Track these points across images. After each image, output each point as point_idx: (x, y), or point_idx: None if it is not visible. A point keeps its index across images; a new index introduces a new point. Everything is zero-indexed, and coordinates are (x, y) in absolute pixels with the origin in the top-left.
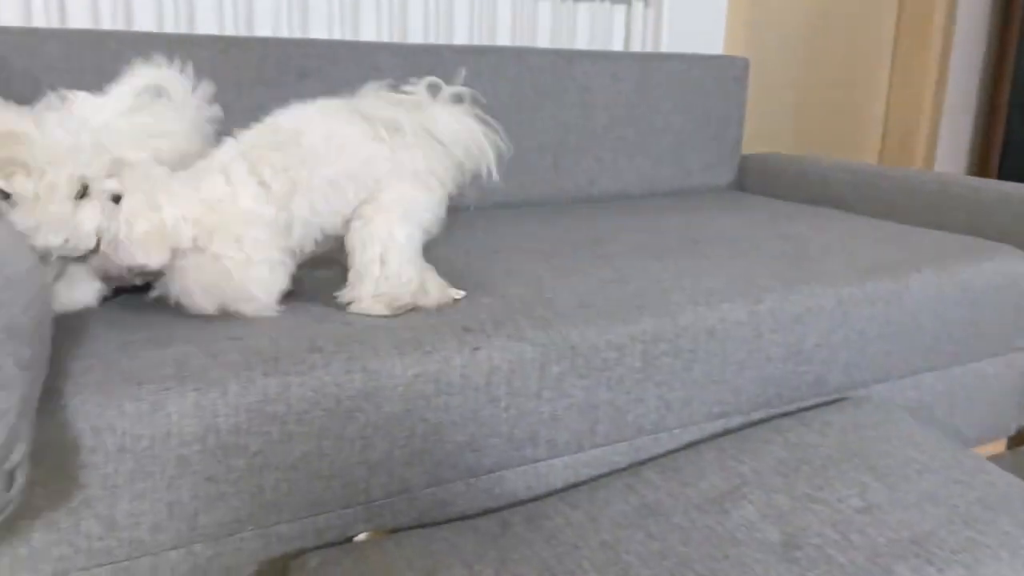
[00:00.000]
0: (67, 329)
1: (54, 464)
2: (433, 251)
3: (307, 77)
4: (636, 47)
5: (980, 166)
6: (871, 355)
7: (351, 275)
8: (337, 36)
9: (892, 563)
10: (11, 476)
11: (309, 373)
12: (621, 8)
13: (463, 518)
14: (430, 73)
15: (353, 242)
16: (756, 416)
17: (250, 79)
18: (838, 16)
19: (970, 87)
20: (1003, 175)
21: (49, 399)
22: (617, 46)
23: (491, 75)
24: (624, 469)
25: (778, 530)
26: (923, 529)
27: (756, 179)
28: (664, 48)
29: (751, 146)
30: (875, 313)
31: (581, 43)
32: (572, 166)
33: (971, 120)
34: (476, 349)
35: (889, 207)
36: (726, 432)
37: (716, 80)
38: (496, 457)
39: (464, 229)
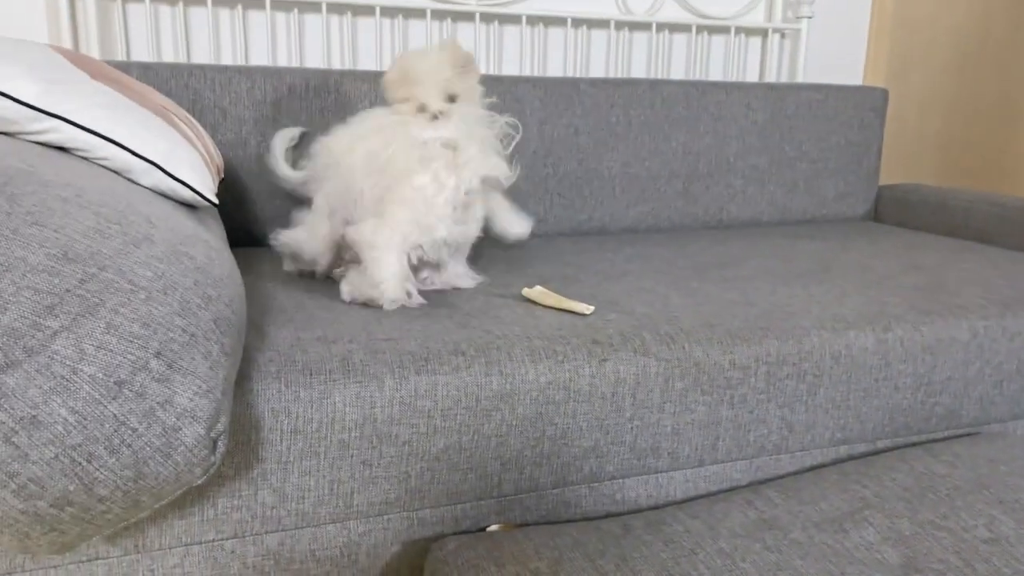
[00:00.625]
0: (251, 326)
1: (240, 439)
2: (565, 271)
3: None
4: (771, 78)
5: None
6: (1009, 391)
7: None
8: (483, 71)
9: None
10: (215, 443)
11: (454, 373)
12: (756, 40)
13: (586, 519)
14: (568, 104)
15: None
16: (882, 445)
17: None
18: (988, 47)
19: None
20: None
21: (239, 384)
22: (752, 77)
23: (625, 106)
24: (744, 486)
25: (898, 553)
26: None
27: (893, 210)
28: (801, 79)
29: (892, 177)
30: (1014, 348)
31: (715, 74)
32: (703, 193)
33: None
34: (604, 361)
35: None
36: (850, 459)
37: (853, 110)
38: (619, 465)
39: (595, 251)
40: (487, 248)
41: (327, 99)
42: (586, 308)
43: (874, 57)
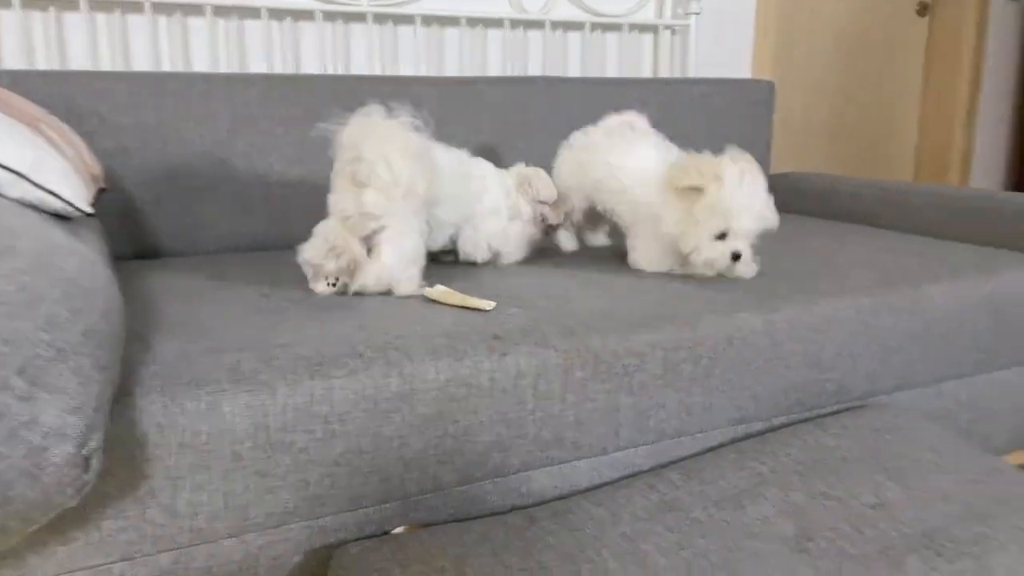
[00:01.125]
0: (136, 339)
1: (124, 457)
2: (468, 270)
3: (351, 111)
4: (664, 73)
5: (1018, 179)
6: (893, 364)
7: None
8: (378, 72)
9: (903, 555)
10: (88, 461)
11: (351, 376)
12: (648, 37)
13: (493, 514)
14: (466, 103)
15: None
16: (777, 422)
17: (298, 114)
18: (868, 38)
19: (1003, 103)
20: None
21: (121, 399)
22: (646, 73)
23: (523, 103)
24: (646, 471)
25: (793, 524)
26: (935, 524)
27: (785, 198)
28: (692, 73)
29: (783, 167)
30: (896, 323)
31: (611, 71)
32: None
33: (1006, 135)
34: (504, 355)
35: (918, 222)
36: (747, 437)
37: (742, 103)
38: (523, 457)
39: None
40: None
41: (214, 104)
42: (487, 304)
43: (761, 50)
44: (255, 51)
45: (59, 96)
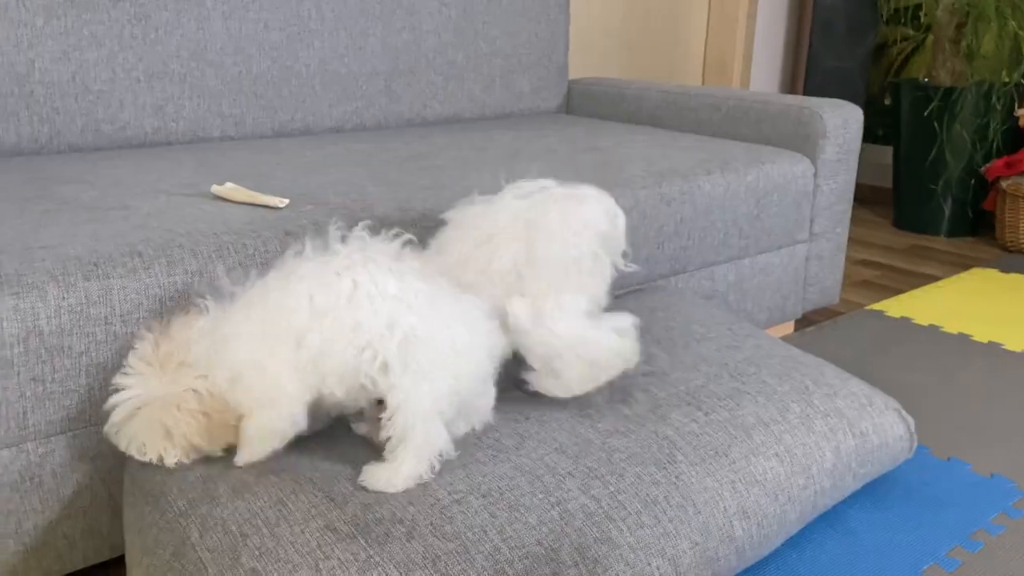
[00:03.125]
0: None
1: None
2: (261, 169)
3: None
4: None
5: (792, 84)
6: (668, 250)
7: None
8: None
9: (669, 411)
10: None
11: (130, 276)
12: None
13: None
14: None
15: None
16: None
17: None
18: None
19: (779, 14)
20: (808, 91)
21: None
22: None
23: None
24: None
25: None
26: (696, 384)
27: (581, 102)
28: None
29: (583, 73)
30: (670, 212)
31: None
32: (405, 90)
33: (781, 44)
34: (299, 253)
35: (695, 122)
36: None
37: (539, 6)
38: None
39: (296, 150)
40: (175, 151)
41: None
42: (280, 201)
43: None
44: None
45: None
